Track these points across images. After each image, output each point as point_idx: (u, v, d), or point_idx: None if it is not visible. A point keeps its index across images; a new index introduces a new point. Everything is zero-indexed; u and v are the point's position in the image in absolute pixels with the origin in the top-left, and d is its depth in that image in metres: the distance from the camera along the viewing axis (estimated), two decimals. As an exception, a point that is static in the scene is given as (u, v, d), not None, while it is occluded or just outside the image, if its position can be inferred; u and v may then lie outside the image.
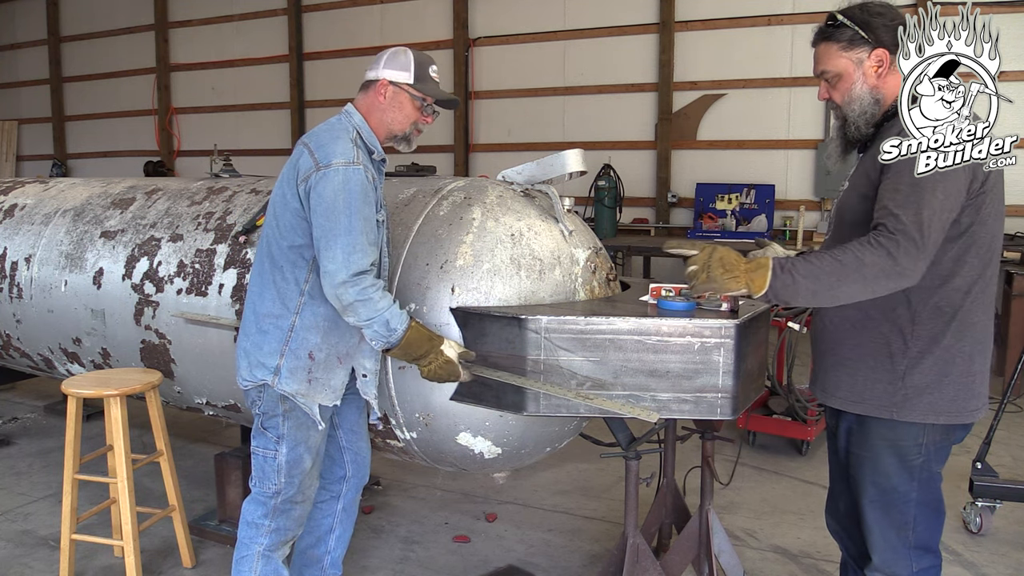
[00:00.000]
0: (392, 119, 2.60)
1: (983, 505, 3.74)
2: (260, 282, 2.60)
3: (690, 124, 9.22)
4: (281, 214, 2.52)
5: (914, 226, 1.95)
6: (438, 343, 2.50)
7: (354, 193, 2.39)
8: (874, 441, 2.22)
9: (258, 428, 2.62)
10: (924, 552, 2.25)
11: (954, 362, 2.14)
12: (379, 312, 2.39)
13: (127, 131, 13.13)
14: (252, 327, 2.60)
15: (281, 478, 2.61)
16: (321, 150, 2.45)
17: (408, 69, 2.58)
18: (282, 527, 2.66)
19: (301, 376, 2.55)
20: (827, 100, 2.30)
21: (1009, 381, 3.98)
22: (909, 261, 1.96)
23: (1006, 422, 4.74)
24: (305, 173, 2.45)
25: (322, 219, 2.39)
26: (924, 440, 2.18)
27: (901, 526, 2.22)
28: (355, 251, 2.37)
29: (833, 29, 2.20)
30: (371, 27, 10.84)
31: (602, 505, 4.12)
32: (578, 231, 3.00)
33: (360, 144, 2.53)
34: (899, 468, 2.20)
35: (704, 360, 2.45)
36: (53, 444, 4.90)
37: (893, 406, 2.15)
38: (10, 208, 4.43)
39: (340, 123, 2.57)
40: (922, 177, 1.97)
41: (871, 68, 2.18)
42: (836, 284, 1.99)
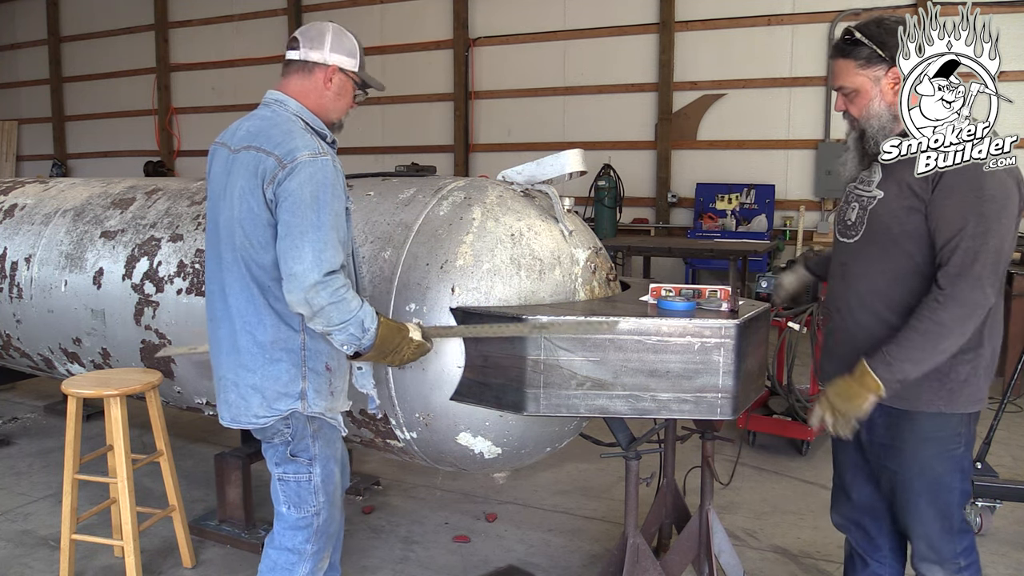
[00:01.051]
0: (334, 107, 2.44)
1: (983, 505, 3.73)
2: (253, 310, 2.34)
3: (690, 124, 9.23)
4: (252, 231, 2.29)
5: (982, 263, 2.06)
6: (406, 331, 2.37)
7: (324, 185, 2.22)
8: (917, 434, 2.28)
9: (285, 456, 2.43)
10: (964, 534, 2.35)
11: (986, 356, 2.25)
12: (353, 313, 2.22)
13: (127, 131, 13.14)
14: (258, 360, 2.34)
15: (320, 498, 2.47)
16: (280, 148, 2.26)
17: (355, 56, 2.45)
18: (323, 547, 2.53)
19: (325, 392, 2.41)
20: (844, 112, 2.32)
21: (1009, 381, 3.98)
22: (982, 296, 2.08)
23: (1006, 422, 4.74)
24: (272, 174, 2.24)
25: (288, 215, 2.20)
26: (962, 430, 2.28)
27: (947, 514, 2.31)
28: (326, 248, 2.18)
29: (851, 46, 2.23)
30: (371, 27, 10.84)
31: (602, 505, 4.12)
32: (578, 231, 3.00)
33: (310, 132, 2.36)
34: (943, 458, 2.28)
35: (704, 360, 2.45)
36: (53, 444, 4.90)
37: (941, 400, 2.23)
38: (10, 208, 4.43)
39: (279, 116, 2.36)
40: (986, 205, 2.05)
41: (888, 86, 2.22)
42: (934, 349, 2.12)
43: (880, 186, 2.27)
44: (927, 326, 2.11)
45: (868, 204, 2.29)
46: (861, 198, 2.32)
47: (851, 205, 2.36)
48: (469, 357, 2.66)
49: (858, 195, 2.34)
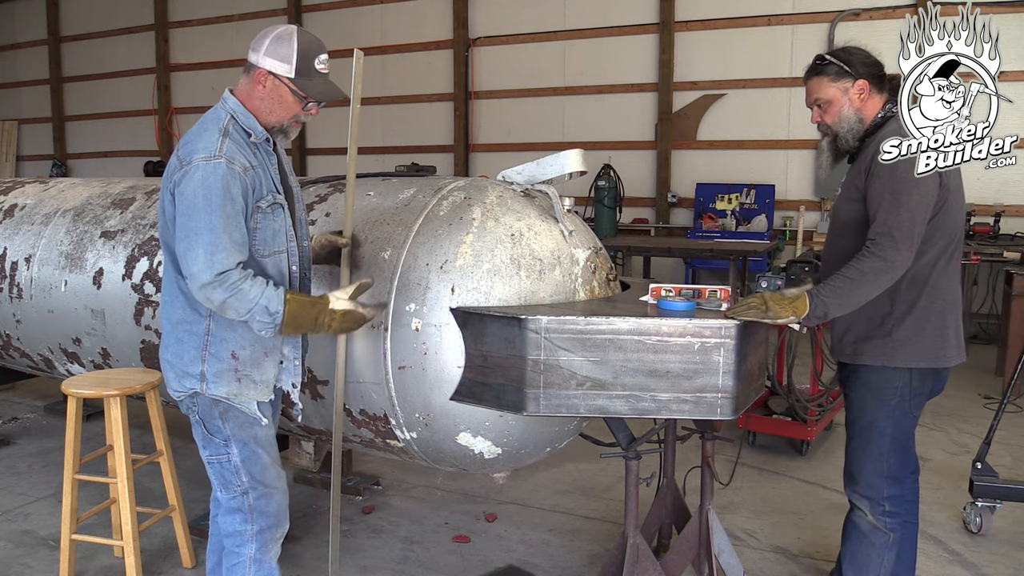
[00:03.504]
0: (270, 110, 2.44)
1: (983, 505, 3.74)
2: (169, 290, 2.50)
3: (690, 124, 9.23)
4: (167, 221, 2.42)
5: (896, 228, 2.48)
6: (323, 303, 2.44)
7: (214, 188, 2.26)
8: (862, 384, 2.75)
9: (205, 436, 2.54)
10: (894, 481, 2.76)
11: (929, 319, 2.65)
12: (254, 301, 2.29)
13: (127, 131, 13.14)
14: (170, 337, 2.51)
15: (243, 477, 2.54)
16: (185, 147, 2.35)
17: (289, 61, 2.39)
18: (264, 526, 2.59)
19: (229, 377, 2.47)
20: (819, 123, 2.77)
21: (1009, 381, 3.98)
22: (896, 255, 2.48)
23: (1006, 422, 4.74)
24: (171, 174, 2.36)
25: (183, 218, 2.29)
26: (900, 384, 2.69)
27: (878, 456, 2.74)
28: (218, 250, 2.25)
29: (823, 66, 2.72)
30: (371, 27, 10.84)
31: (602, 505, 4.12)
32: (578, 231, 3.00)
33: (235, 130, 2.39)
34: (877, 406, 2.72)
35: (704, 360, 2.45)
36: (53, 444, 4.90)
37: (884, 355, 2.67)
38: (10, 208, 4.43)
39: (213, 113, 2.45)
40: (898, 184, 2.46)
41: (855, 95, 2.68)
42: (852, 293, 2.53)
43: (842, 184, 2.77)
44: (851, 273, 2.52)
45: (834, 201, 2.81)
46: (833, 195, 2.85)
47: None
48: (469, 357, 2.66)
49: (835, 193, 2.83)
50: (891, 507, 2.76)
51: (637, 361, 2.46)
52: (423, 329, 2.72)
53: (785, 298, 2.52)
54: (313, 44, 2.45)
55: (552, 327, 2.48)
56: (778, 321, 2.52)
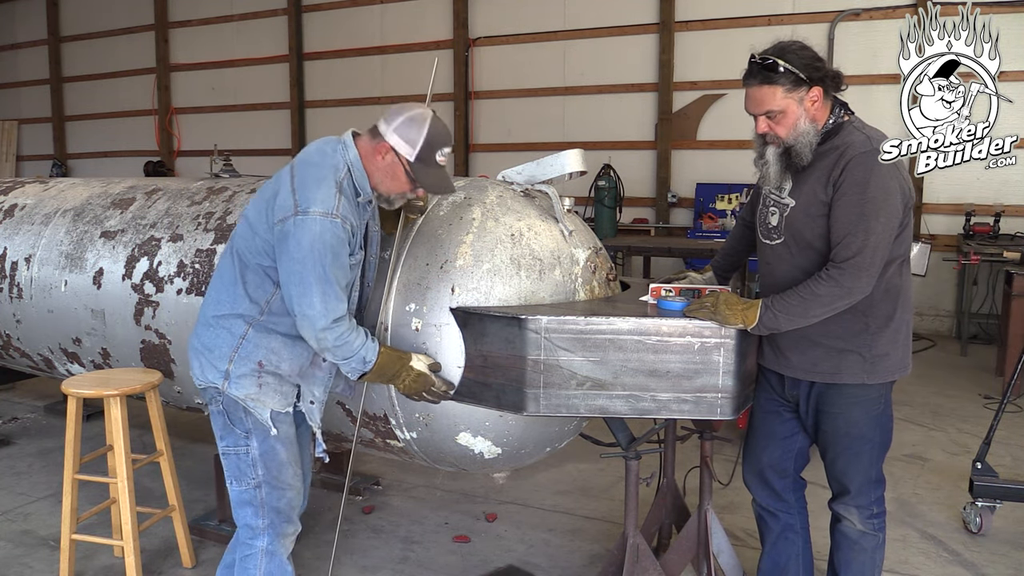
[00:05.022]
0: (381, 181, 2.54)
1: (983, 505, 3.74)
2: (225, 287, 2.59)
3: (690, 124, 9.23)
4: (254, 233, 2.52)
5: (860, 254, 2.37)
6: (407, 359, 2.58)
7: (328, 246, 2.39)
8: (846, 400, 2.63)
9: (226, 425, 2.60)
10: (880, 484, 2.75)
11: (900, 330, 2.61)
12: (355, 352, 2.47)
13: (127, 131, 13.13)
14: (207, 328, 2.59)
15: (259, 470, 2.59)
16: (303, 192, 2.42)
17: (414, 145, 2.47)
18: (276, 521, 2.63)
19: (249, 383, 2.54)
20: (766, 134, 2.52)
21: (1009, 381, 3.98)
22: (856, 283, 2.39)
23: (1006, 422, 4.74)
24: (282, 214, 2.42)
25: (297, 265, 2.39)
26: (884, 391, 2.66)
27: (869, 465, 2.70)
28: (331, 298, 2.40)
29: (776, 75, 2.44)
30: (371, 27, 10.84)
31: (602, 505, 4.12)
32: (578, 231, 3.00)
33: (348, 185, 2.48)
34: (865, 418, 2.65)
35: (704, 360, 2.46)
36: (53, 444, 4.90)
37: (865, 373, 2.58)
38: (10, 208, 4.43)
39: (333, 156, 2.51)
40: (867, 205, 2.35)
41: (809, 104, 2.46)
42: (805, 313, 2.45)
43: (792, 194, 2.57)
44: (806, 294, 2.44)
45: (784, 211, 2.60)
46: (779, 204, 2.61)
47: (771, 210, 2.66)
48: (469, 357, 2.66)
49: (775, 201, 2.63)
50: (878, 508, 2.75)
51: (637, 361, 2.46)
52: (423, 329, 2.72)
53: (739, 303, 2.46)
54: (441, 135, 2.51)
55: (552, 327, 2.48)
56: (725, 326, 2.46)
